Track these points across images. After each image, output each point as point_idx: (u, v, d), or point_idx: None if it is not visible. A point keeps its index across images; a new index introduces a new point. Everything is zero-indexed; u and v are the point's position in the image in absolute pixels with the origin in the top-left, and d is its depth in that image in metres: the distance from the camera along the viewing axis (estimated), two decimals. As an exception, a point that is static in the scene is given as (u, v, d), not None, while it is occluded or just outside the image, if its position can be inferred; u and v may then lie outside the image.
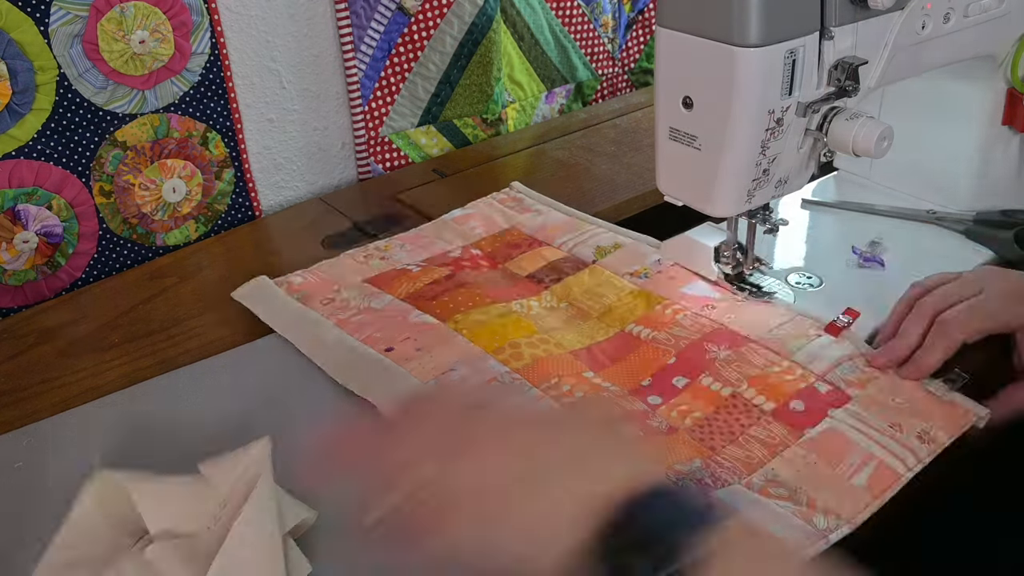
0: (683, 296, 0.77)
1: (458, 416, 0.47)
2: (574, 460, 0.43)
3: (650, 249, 0.85)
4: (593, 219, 0.91)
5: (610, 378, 0.69)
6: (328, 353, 0.71)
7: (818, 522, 0.55)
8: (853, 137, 0.65)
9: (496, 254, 0.87)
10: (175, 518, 0.53)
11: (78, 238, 0.90)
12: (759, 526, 0.42)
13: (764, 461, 0.60)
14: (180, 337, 0.77)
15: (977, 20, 0.74)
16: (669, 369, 0.69)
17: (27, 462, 0.63)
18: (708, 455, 0.61)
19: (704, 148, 0.66)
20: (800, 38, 0.62)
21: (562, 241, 0.87)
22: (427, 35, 1.07)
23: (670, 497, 0.40)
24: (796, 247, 0.85)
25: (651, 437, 0.63)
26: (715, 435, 0.63)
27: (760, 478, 0.59)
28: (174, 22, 0.89)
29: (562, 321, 0.76)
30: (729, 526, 0.39)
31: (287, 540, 0.52)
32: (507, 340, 0.72)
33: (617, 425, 0.55)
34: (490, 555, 0.42)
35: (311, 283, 0.82)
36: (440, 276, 0.82)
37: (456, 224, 0.92)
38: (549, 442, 0.44)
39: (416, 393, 0.64)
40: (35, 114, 0.84)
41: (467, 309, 0.76)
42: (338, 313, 0.77)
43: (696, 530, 0.38)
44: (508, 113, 1.19)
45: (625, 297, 0.78)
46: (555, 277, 0.82)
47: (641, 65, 1.33)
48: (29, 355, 0.77)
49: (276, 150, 1.03)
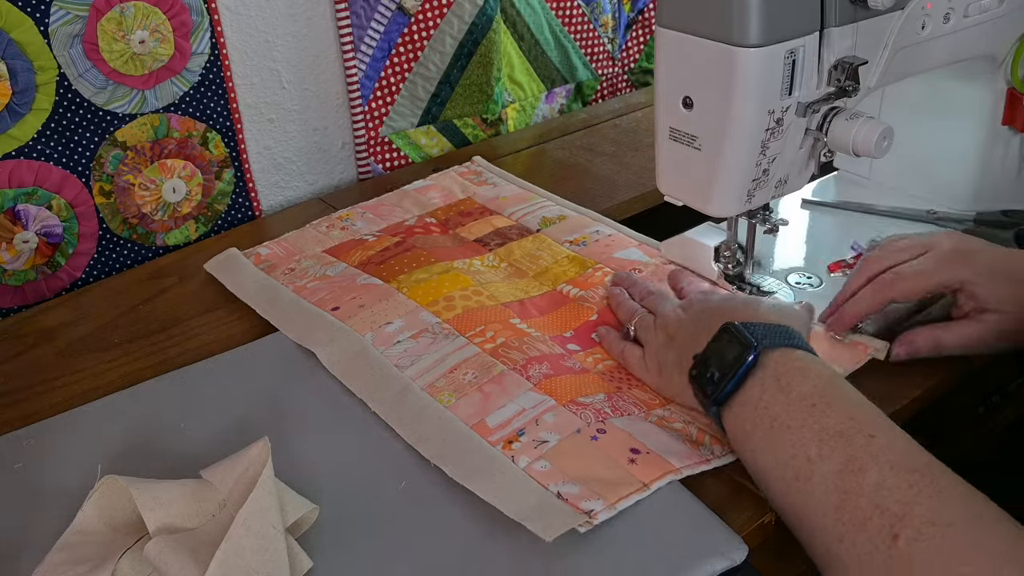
0: (613, 260, 0.82)
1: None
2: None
3: (590, 221, 0.89)
4: (544, 192, 0.96)
5: (535, 326, 0.74)
6: (283, 315, 0.77)
7: (703, 452, 0.61)
8: (853, 137, 0.65)
9: (449, 221, 0.92)
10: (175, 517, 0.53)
11: (78, 238, 0.90)
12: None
13: (664, 404, 0.65)
14: (180, 337, 0.77)
15: (977, 20, 0.74)
16: (591, 324, 0.74)
17: (27, 462, 0.63)
18: (613, 391, 0.66)
19: (704, 148, 0.66)
20: (800, 38, 0.62)
21: (512, 211, 0.93)
22: (427, 35, 1.07)
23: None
24: (796, 247, 0.85)
25: (562, 374, 0.67)
26: (623, 380, 0.68)
27: (658, 414, 0.64)
28: (174, 22, 0.89)
29: (500, 278, 0.81)
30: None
31: (288, 535, 0.52)
32: (443, 294, 0.77)
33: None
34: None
35: (275, 254, 0.88)
36: (391, 243, 0.87)
37: (417, 194, 0.98)
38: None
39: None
40: (35, 114, 0.84)
41: (411, 270, 0.81)
42: (296, 281, 0.82)
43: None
44: (508, 113, 1.19)
45: (562, 260, 0.83)
46: (500, 242, 0.87)
47: (641, 65, 1.33)
48: (29, 355, 0.77)
49: (276, 150, 1.03)
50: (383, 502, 0.58)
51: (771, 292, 0.77)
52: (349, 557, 0.55)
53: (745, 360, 0.56)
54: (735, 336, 0.58)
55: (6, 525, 0.58)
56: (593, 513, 0.55)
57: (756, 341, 0.57)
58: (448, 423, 0.63)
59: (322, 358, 0.71)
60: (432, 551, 0.55)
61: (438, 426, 0.63)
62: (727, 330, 0.59)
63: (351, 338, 0.72)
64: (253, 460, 0.55)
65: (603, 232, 0.87)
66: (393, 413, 0.65)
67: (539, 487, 0.57)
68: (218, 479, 0.55)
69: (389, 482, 0.60)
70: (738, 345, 0.57)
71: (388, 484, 0.60)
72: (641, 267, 0.80)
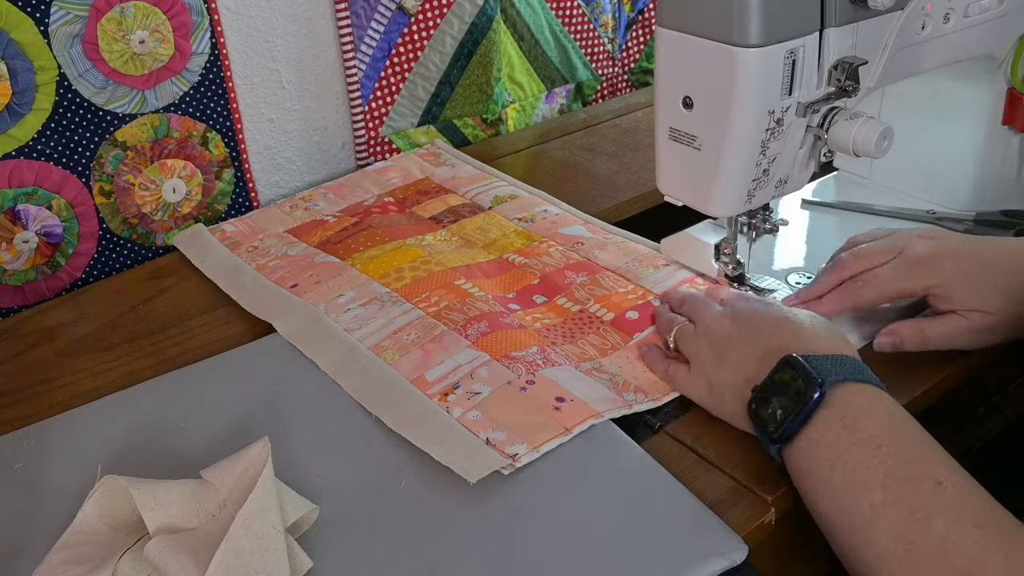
0: (559, 235, 0.87)
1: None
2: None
3: (540, 200, 0.94)
4: (498, 173, 1.00)
5: (479, 287, 0.78)
6: (245, 291, 0.81)
7: (628, 396, 0.65)
8: (853, 137, 0.65)
9: (406, 200, 0.96)
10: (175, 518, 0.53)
11: (78, 238, 0.90)
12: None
13: (594, 357, 0.70)
14: (180, 337, 0.77)
15: (977, 20, 0.74)
16: (532, 288, 0.79)
17: (27, 462, 0.63)
18: (546, 344, 0.70)
19: (704, 148, 0.66)
20: (800, 38, 0.62)
21: (466, 190, 0.97)
22: (427, 35, 1.07)
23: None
24: (796, 247, 0.85)
25: (500, 327, 0.71)
26: (558, 336, 0.72)
27: (587, 365, 0.68)
28: (174, 22, 0.89)
29: (450, 249, 0.85)
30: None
31: (288, 535, 0.52)
32: (393, 267, 0.82)
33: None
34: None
35: (240, 231, 0.92)
36: (349, 224, 0.91)
37: (376, 175, 1.02)
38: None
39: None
40: (35, 114, 0.84)
41: (366, 248, 0.86)
42: (258, 259, 0.86)
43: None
44: (508, 113, 1.19)
45: (510, 234, 0.88)
46: (452, 219, 0.91)
47: (641, 65, 1.33)
48: (29, 355, 0.77)
49: (276, 150, 1.03)
50: (383, 502, 0.58)
51: (771, 292, 0.77)
52: (349, 557, 0.55)
53: (811, 398, 0.54)
54: (799, 371, 0.55)
55: (6, 525, 0.58)
56: (517, 456, 0.59)
57: (822, 378, 0.54)
58: (390, 378, 0.67)
59: (279, 329, 0.75)
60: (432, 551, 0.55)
61: (380, 381, 0.67)
62: (790, 364, 0.56)
63: (306, 310, 0.77)
64: (253, 460, 0.55)
65: (551, 211, 0.91)
66: (340, 371, 0.69)
67: (470, 435, 0.61)
68: (218, 479, 0.55)
69: (389, 482, 0.60)
70: (803, 382, 0.55)
71: (388, 484, 0.60)
72: (583, 241, 0.85)
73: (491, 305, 0.75)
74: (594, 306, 0.75)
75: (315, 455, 0.62)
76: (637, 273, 0.79)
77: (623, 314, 0.74)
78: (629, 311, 0.74)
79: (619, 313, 0.74)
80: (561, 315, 0.75)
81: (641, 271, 0.80)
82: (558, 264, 0.81)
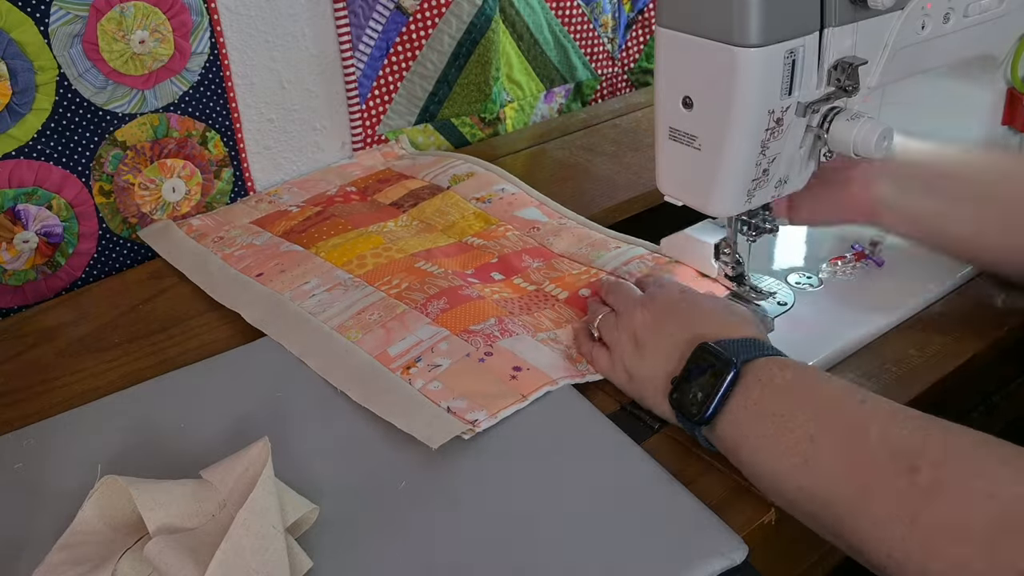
0: (515, 219, 0.90)
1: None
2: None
3: (496, 179, 0.96)
4: (457, 155, 1.03)
5: (439, 266, 0.81)
6: (211, 280, 0.84)
7: (580, 367, 0.69)
8: (853, 137, 0.65)
9: (368, 188, 0.99)
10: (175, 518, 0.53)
11: (78, 238, 0.90)
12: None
13: (550, 328, 0.73)
14: (180, 337, 0.77)
15: (977, 20, 0.74)
16: (490, 266, 0.82)
17: (27, 462, 0.63)
18: (504, 315, 0.73)
19: (704, 148, 0.66)
20: (800, 38, 0.62)
21: (425, 174, 1.00)
22: (425, 34, 1.07)
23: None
24: (796, 247, 0.85)
25: (459, 302, 0.74)
26: (514, 309, 0.75)
27: (544, 336, 0.72)
28: (174, 22, 0.89)
29: (411, 234, 0.88)
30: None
31: (288, 535, 0.52)
32: (356, 254, 0.84)
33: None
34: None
35: (206, 224, 0.94)
36: (312, 213, 0.93)
37: (340, 169, 1.05)
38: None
39: None
40: (35, 114, 0.84)
41: (329, 236, 0.88)
42: (225, 248, 0.88)
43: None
44: (506, 112, 1.19)
45: (468, 216, 0.91)
46: (413, 202, 0.94)
47: (641, 65, 1.33)
48: (29, 355, 0.77)
49: (276, 150, 1.03)
50: (383, 502, 0.58)
51: (771, 292, 0.77)
52: (349, 557, 0.55)
53: (727, 378, 0.57)
54: (713, 356, 0.59)
55: (6, 525, 0.58)
56: (476, 422, 0.62)
57: (736, 358, 0.58)
58: (354, 355, 0.70)
59: (246, 316, 0.77)
60: (432, 551, 0.55)
61: (345, 357, 0.70)
62: (705, 350, 0.59)
63: (271, 297, 0.79)
64: (253, 460, 0.55)
65: (508, 190, 0.94)
66: (305, 350, 0.72)
67: (432, 404, 0.64)
68: (218, 479, 0.55)
69: (389, 482, 0.60)
70: (718, 364, 0.58)
71: (388, 484, 0.60)
72: (539, 226, 0.88)
73: (450, 280, 0.78)
74: (549, 286, 0.79)
75: (315, 455, 0.62)
76: (589, 256, 0.83)
77: (576, 292, 0.78)
78: (582, 288, 0.78)
79: (572, 292, 0.78)
80: (517, 292, 0.79)
81: (593, 254, 0.83)
82: (515, 248, 0.85)
